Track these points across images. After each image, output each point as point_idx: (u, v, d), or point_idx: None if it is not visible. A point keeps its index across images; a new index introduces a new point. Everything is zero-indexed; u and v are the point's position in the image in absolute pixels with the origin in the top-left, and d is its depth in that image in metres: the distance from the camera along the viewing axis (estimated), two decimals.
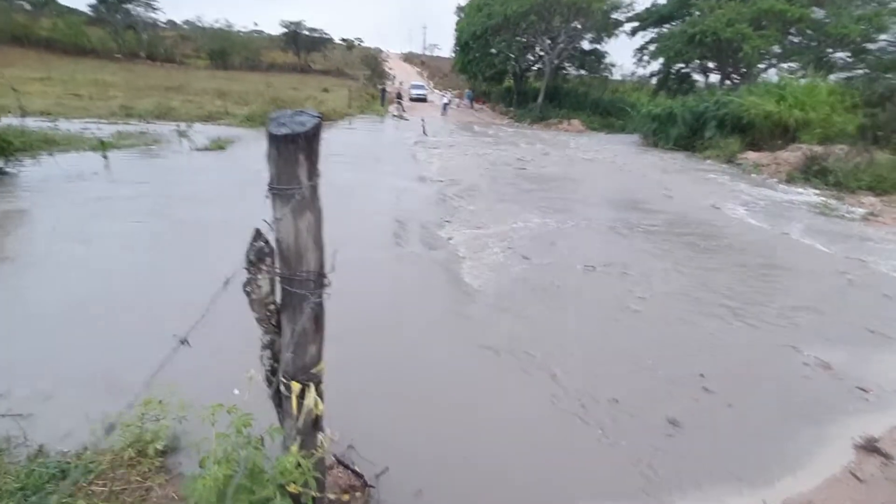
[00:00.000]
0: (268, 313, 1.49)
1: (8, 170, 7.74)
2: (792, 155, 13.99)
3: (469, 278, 5.16)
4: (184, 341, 0.78)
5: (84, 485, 2.10)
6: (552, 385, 3.37)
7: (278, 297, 1.53)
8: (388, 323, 4.13)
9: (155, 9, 43.24)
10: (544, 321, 4.35)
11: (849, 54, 23.00)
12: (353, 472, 2.34)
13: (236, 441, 1.46)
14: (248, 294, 1.42)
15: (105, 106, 16.58)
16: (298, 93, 26.37)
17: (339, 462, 2.37)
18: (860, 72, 22.05)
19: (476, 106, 36.97)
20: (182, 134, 12.81)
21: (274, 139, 1.27)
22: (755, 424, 3.11)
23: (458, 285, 4.99)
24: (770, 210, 9.48)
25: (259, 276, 1.38)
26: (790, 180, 12.63)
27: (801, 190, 11.72)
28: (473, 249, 6.03)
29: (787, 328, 4.51)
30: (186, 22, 52.55)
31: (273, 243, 1.41)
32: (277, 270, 1.43)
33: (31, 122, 11.89)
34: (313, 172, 1.34)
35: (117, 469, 2.17)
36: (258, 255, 1.35)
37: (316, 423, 1.69)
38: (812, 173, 12.35)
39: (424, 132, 18.36)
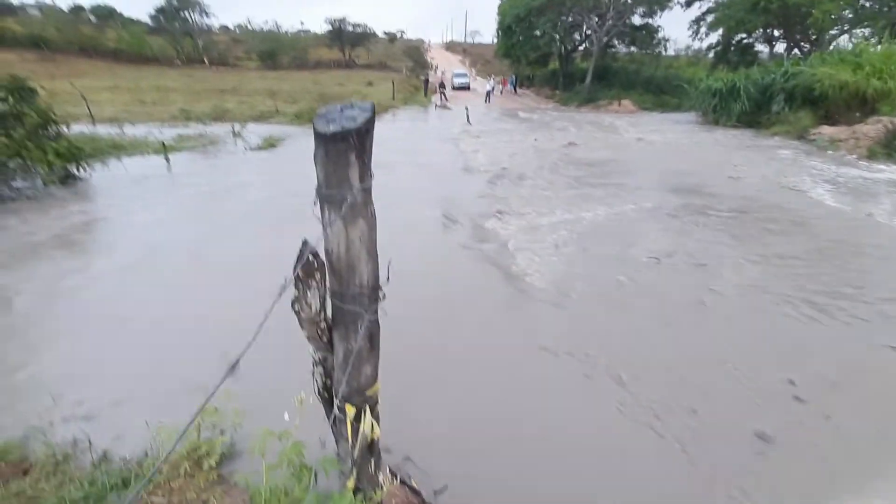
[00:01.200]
0: (319, 332, 1.36)
1: (80, 175, 8.23)
2: (872, 128, 12.56)
3: (522, 273, 4.92)
4: (233, 367, 0.64)
5: (144, 495, 2.09)
6: (619, 392, 3.10)
7: (329, 311, 1.40)
8: (441, 324, 3.98)
9: (209, 14, 45.18)
10: (606, 319, 4.05)
11: None
12: (411, 488, 2.20)
13: (287, 474, 1.34)
14: (296, 313, 1.28)
15: (166, 111, 17.45)
16: (344, 88, 26.73)
17: (395, 476, 2.24)
18: None
19: (519, 91, 36.06)
20: (236, 134, 13.27)
21: (321, 138, 1.11)
22: (858, 440, 2.71)
23: (510, 281, 4.76)
24: (851, 189, 8.51)
25: (308, 293, 1.24)
26: (871, 156, 11.33)
27: (883, 166, 10.48)
28: (525, 242, 5.77)
29: (883, 325, 3.96)
30: (238, 26, 54.65)
31: (322, 255, 1.27)
32: (328, 286, 1.28)
33: (101, 129, 12.70)
34: (366, 174, 1.17)
35: (175, 479, 2.15)
36: (306, 271, 1.21)
37: (371, 447, 1.56)
38: (895, 148, 11.03)
39: (468, 121, 18.04)
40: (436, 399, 3.03)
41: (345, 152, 1.10)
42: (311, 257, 1.18)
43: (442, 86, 27.89)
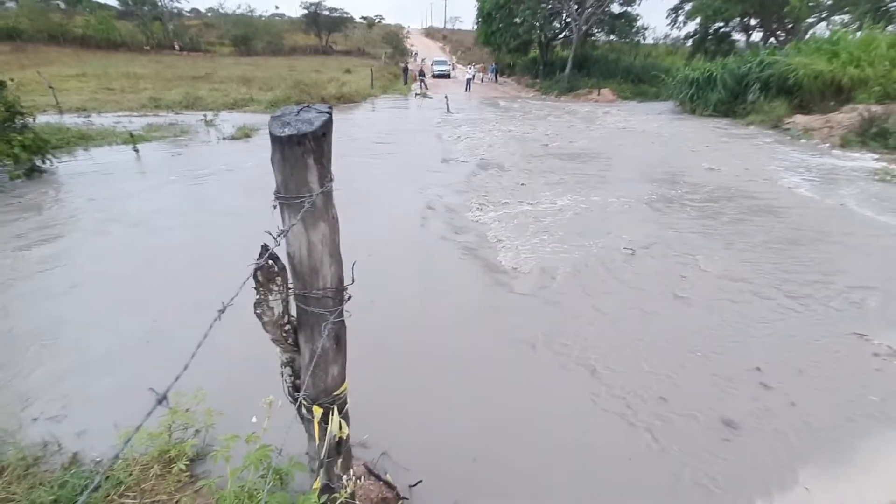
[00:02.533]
0: (284, 334, 1.34)
1: (45, 167, 7.93)
2: (846, 117, 12.90)
3: (500, 265, 4.95)
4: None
5: (115, 497, 2.06)
6: (593, 382, 3.16)
7: (293, 311, 1.38)
8: (419, 317, 3.99)
9: None
10: (582, 310, 4.11)
11: None
12: (385, 483, 2.22)
13: (254, 478, 1.33)
14: (259, 317, 1.26)
15: (136, 99, 16.88)
16: (321, 75, 26.17)
17: (370, 472, 2.25)
18: None
19: (500, 79, 35.91)
20: (209, 123, 12.93)
21: (277, 141, 1.08)
22: (823, 426, 2.82)
23: (488, 273, 4.78)
24: (823, 178, 8.77)
25: (270, 297, 1.22)
26: (845, 145, 11.66)
27: (857, 155, 10.81)
28: (503, 233, 5.79)
29: (850, 312, 4.12)
30: (210, 10, 52.83)
31: (284, 259, 1.25)
32: (290, 289, 1.26)
33: (68, 119, 12.23)
34: (325, 177, 1.15)
35: (146, 481, 2.12)
36: (267, 275, 1.18)
37: (340, 447, 1.55)
38: (870, 136, 11.35)
39: (448, 110, 17.93)
40: (413, 394, 3.04)
41: (302, 156, 1.08)
42: (270, 261, 1.16)
43: (422, 74, 27.62)
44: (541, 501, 2.31)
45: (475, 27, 37.31)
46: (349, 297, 1.39)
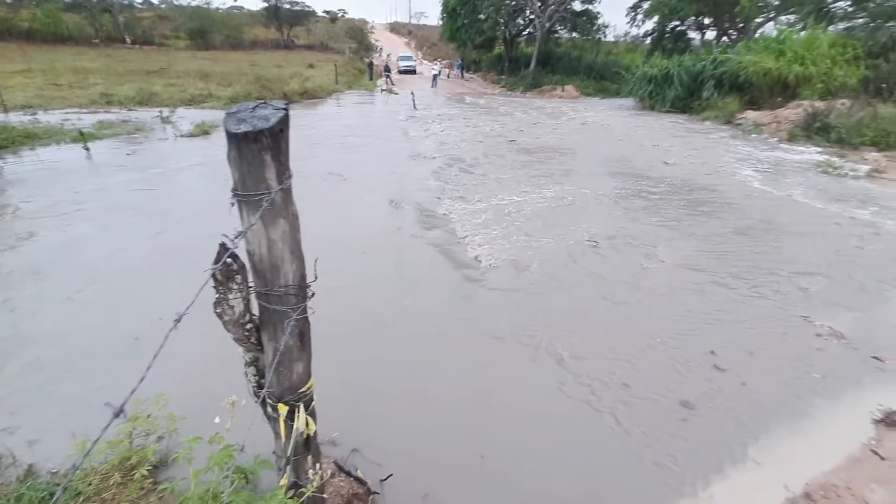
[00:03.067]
0: (246, 333, 1.33)
1: None
2: (793, 112, 13.63)
3: (468, 260, 5.00)
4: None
5: None
6: (560, 372, 3.25)
7: (255, 310, 1.37)
8: (387, 313, 3.99)
9: None
10: (549, 302, 4.21)
11: (849, 3, 22.19)
12: (356, 479, 2.22)
13: (218, 478, 1.31)
14: (219, 316, 1.25)
15: (85, 94, 15.98)
16: (283, 70, 25.51)
17: (341, 469, 2.25)
18: (861, 21, 21.34)
19: (466, 76, 36.02)
20: (165, 120, 12.41)
21: (233, 138, 1.07)
22: (770, 403, 3.01)
23: (457, 269, 4.83)
24: (772, 171, 9.26)
25: (230, 296, 1.21)
26: (791, 139, 12.34)
27: (803, 148, 11.45)
28: (471, 228, 5.84)
29: (797, 296, 4.39)
30: (163, 1, 50.51)
31: (244, 256, 1.23)
32: (251, 287, 1.25)
33: (13, 117, 11.48)
34: (283, 173, 1.14)
35: (108, 490, 2.05)
36: (225, 274, 1.17)
37: (308, 444, 1.55)
38: (814, 130, 12.04)
39: (415, 106, 17.85)
40: (383, 390, 3.04)
41: (259, 153, 1.07)
42: (229, 259, 1.15)
43: (387, 69, 27.38)
44: (510, 489, 2.37)
45: (440, 23, 37.24)
46: (312, 294, 1.39)
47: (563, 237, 5.64)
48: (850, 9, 22.07)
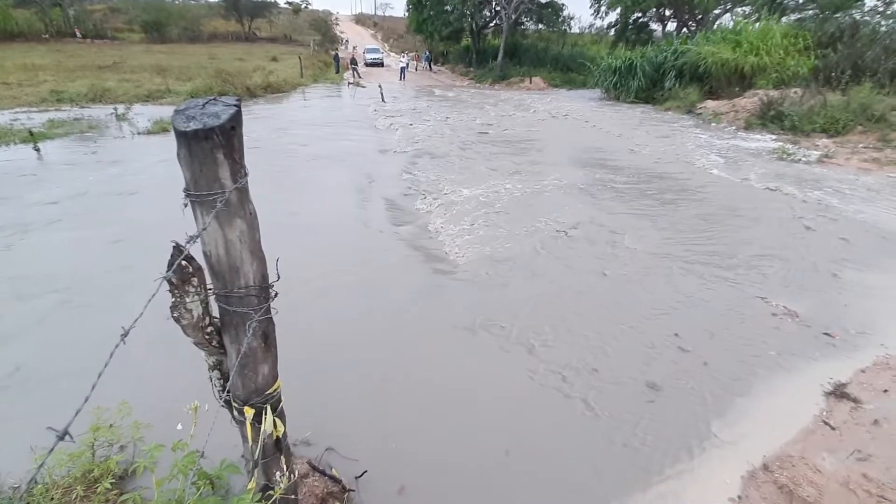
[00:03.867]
0: (206, 336, 1.29)
1: None
2: (749, 101, 14.16)
3: (438, 253, 5.00)
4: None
5: None
6: (531, 361, 3.31)
7: (216, 312, 1.34)
8: (359, 309, 3.96)
9: None
10: (518, 292, 4.26)
11: None
12: (331, 477, 2.21)
13: (183, 486, 1.28)
14: (177, 321, 1.21)
15: (35, 92, 15.09)
16: (245, 63, 24.75)
17: (314, 468, 2.23)
18: (811, 13, 22.29)
19: (435, 68, 35.82)
20: (121, 117, 11.88)
21: (182, 136, 1.04)
22: (730, 381, 3.15)
23: (428, 262, 4.83)
24: (731, 158, 9.60)
25: (187, 300, 1.17)
26: (748, 127, 12.82)
27: (759, 136, 11.92)
28: (442, 222, 5.85)
29: (754, 278, 4.58)
30: None
31: (200, 258, 1.20)
32: (210, 289, 1.22)
33: None
34: (238, 172, 1.11)
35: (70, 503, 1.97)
36: (181, 276, 1.13)
37: (278, 445, 1.53)
38: (769, 118, 12.54)
39: (383, 99, 17.65)
40: (355, 386, 3.03)
41: (211, 151, 1.04)
42: (184, 262, 1.11)
43: (354, 62, 26.95)
44: (485, 479, 2.40)
45: (406, 14, 36.83)
46: (276, 295, 1.37)
47: (533, 227, 5.71)
48: (801, 0, 23.02)
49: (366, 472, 2.31)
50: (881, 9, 21.94)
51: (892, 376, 3.18)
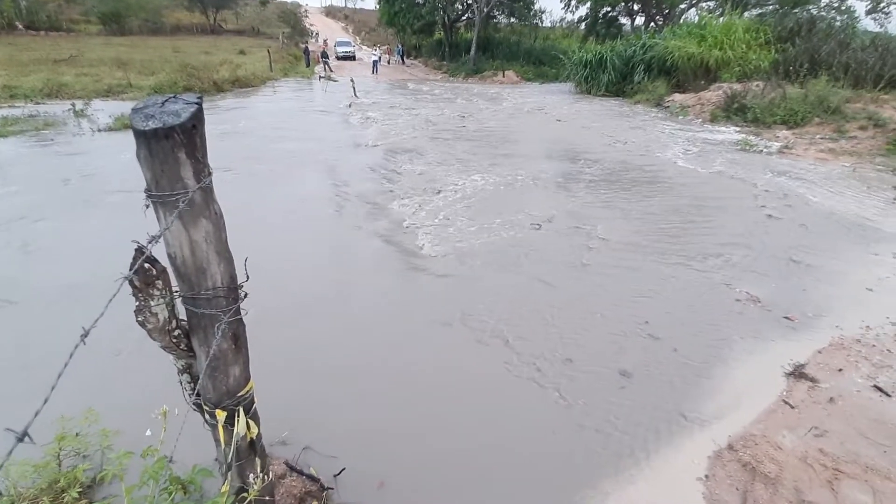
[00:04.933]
0: (173, 340, 1.27)
1: None
2: (714, 94, 14.57)
3: (413, 249, 5.00)
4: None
5: None
6: (506, 352, 3.35)
7: (184, 316, 1.31)
8: (334, 307, 3.93)
9: None
10: (494, 285, 4.30)
11: None
12: (309, 476, 2.20)
13: (154, 492, 1.26)
14: (141, 325, 1.18)
15: None
16: (211, 57, 24.01)
17: (292, 469, 2.22)
18: (771, 8, 23.07)
19: (408, 61, 35.54)
20: (79, 113, 11.38)
21: (141, 136, 1.01)
22: (698, 365, 3.27)
23: (404, 258, 4.82)
24: (697, 150, 9.88)
25: (152, 303, 1.15)
26: (714, 119, 13.19)
27: (724, 128, 12.29)
28: (417, 218, 5.84)
29: (720, 266, 4.75)
30: None
31: (165, 260, 1.18)
32: (176, 292, 1.20)
33: None
34: (202, 171, 1.09)
35: None
36: (144, 279, 1.11)
37: (253, 447, 1.52)
38: (733, 111, 12.93)
39: (355, 93, 17.42)
40: (332, 384, 3.01)
41: (172, 151, 1.01)
42: (147, 265, 1.09)
43: (325, 55, 26.49)
44: (463, 470, 2.44)
45: (377, 7, 36.35)
46: (245, 295, 1.35)
47: (507, 221, 5.76)
48: None
49: (344, 469, 2.31)
50: (836, 5, 22.90)
51: (847, 356, 3.36)
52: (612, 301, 4.07)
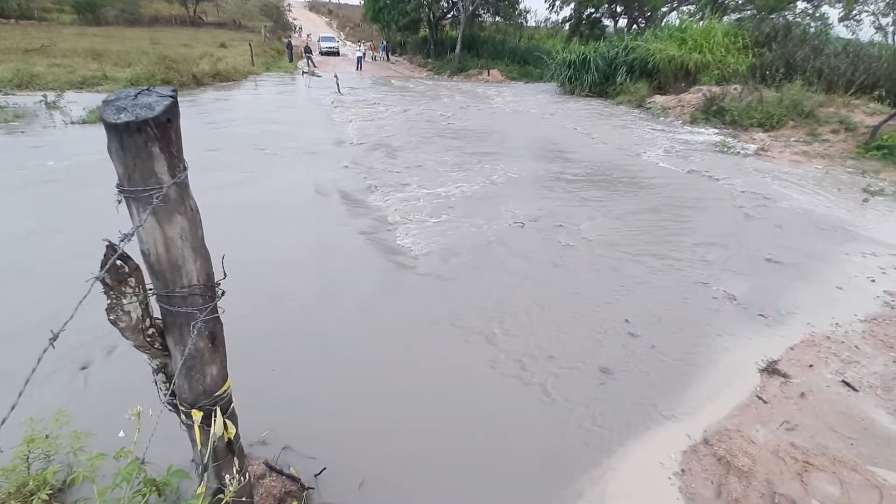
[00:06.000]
0: (147, 339, 1.24)
1: None
2: (694, 97, 14.85)
3: (397, 247, 4.98)
4: None
5: None
6: (491, 350, 3.37)
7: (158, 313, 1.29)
8: (318, 306, 3.89)
9: None
10: (480, 285, 4.31)
11: None
12: (288, 476, 2.18)
13: (128, 494, 1.23)
14: (113, 324, 1.15)
15: None
16: (191, 50, 23.49)
17: (272, 469, 2.19)
18: (749, 13, 23.59)
19: (392, 58, 35.33)
20: (51, 105, 11.03)
21: (113, 129, 0.98)
22: (676, 362, 3.33)
23: (388, 256, 4.79)
24: (678, 151, 10.06)
25: (125, 301, 1.12)
26: (693, 121, 13.45)
27: (703, 130, 12.53)
28: (401, 215, 5.82)
29: (698, 265, 4.85)
30: None
31: (140, 258, 1.15)
32: (151, 290, 1.17)
33: None
34: (176, 166, 1.07)
35: None
36: (117, 277, 1.08)
37: (230, 447, 1.50)
38: (711, 113, 13.21)
39: (339, 89, 17.25)
40: (315, 384, 2.99)
41: (145, 145, 0.99)
42: (119, 262, 1.06)
43: (308, 51, 26.16)
44: (446, 467, 2.44)
45: (362, 3, 36.04)
46: (223, 293, 1.32)
47: (490, 219, 5.78)
48: (740, 1, 24.31)
49: (325, 468, 2.30)
50: (811, 11, 23.54)
51: (817, 352, 3.47)
52: (593, 299, 4.12)
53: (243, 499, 1.58)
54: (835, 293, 4.36)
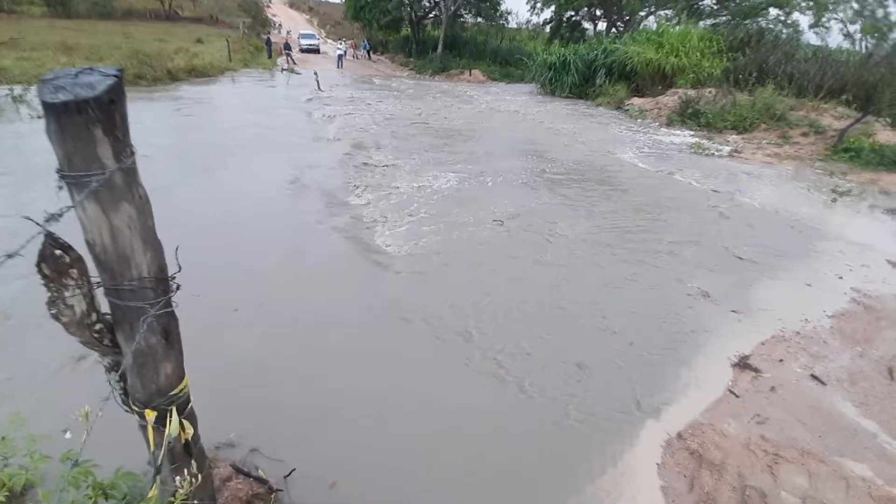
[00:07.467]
0: (95, 335, 1.17)
1: None
2: (670, 99, 15.13)
3: (378, 246, 4.92)
4: None
5: None
6: (467, 348, 3.34)
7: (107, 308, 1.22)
8: (291, 305, 3.80)
9: None
10: (457, 282, 4.28)
11: (714, 1, 25.01)
12: (256, 479, 2.11)
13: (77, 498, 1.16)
14: (55, 318, 1.08)
15: None
16: (166, 44, 22.85)
17: (238, 471, 2.12)
18: (724, 18, 24.18)
19: (374, 57, 35.10)
20: (18, 99, 10.59)
21: (51, 109, 0.91)
22: (653, 358, 3.36)
23: (365, 255, 4.73)
24: (655, 152, 10.23)
25: (66, 294, 1.05)
26: (670, 123, 13.70)
27: (679, 132, 12.77)
28: (379, 213, 5.75)
29: (674, 262, 4.91)
30: None
31: (84, 248, 1.08)
32: (96, 282, 1.10)
33: None
34: (122, 151, 1.00)
35: None
36: (56, 268, 1.01)
37: (188, 448, 1.43)
38: (687, 116, 13.48)
39: (319, 87, 17.04)
40: (285, 383, 2.91)
41: (86, 126, 0.92)
42: (58, 252, 0.99)
43: (287, 47, 25.75)
44: (420, 468, 2.40)
45: (343, 0, 35.72)
46: (177, 287, 1.26)
47: (470, 218, 5.76)
48: (716, 7, 24.89)
49: (294, 470, 2.23)
50: (783, 18, 24.24)
51: (787, 347, 3.54)
52: (571, 296, 4.13)
53: (204, 502, 1.51)
54: (804, 290, 4.47)
